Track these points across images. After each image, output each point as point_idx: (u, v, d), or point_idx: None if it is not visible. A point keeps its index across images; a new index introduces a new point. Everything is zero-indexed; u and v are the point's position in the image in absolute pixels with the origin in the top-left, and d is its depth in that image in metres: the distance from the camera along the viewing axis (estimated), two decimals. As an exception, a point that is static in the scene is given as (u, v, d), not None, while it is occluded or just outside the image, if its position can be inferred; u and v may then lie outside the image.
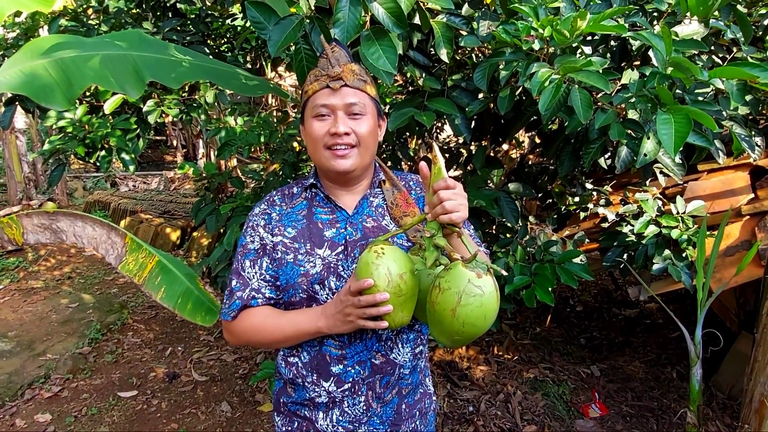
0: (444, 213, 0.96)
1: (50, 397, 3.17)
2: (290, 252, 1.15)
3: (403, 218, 1.18)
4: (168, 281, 1.36)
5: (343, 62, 1.12)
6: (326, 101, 1.10)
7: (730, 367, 2.98)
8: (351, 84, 1.10)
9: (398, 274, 0.96)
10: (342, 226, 1.17)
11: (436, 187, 0.98)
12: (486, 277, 0.92)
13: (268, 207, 1.21)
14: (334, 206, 1.19)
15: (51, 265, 5.48)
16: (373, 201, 1.22)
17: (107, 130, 2.37)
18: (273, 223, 1.19)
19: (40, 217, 1.32)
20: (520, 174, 2.33)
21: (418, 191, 1.27)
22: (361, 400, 1.16)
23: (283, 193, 1.24)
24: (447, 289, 0.91)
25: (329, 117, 1.10)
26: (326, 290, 1.14)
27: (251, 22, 1.30)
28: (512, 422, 2.81)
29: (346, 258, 1.14)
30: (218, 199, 2.77)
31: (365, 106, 1.12)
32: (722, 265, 2.26)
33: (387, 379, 1.18)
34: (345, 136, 1.09)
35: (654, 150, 1.35)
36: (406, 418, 1.23)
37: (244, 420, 2.95)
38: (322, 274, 1.13)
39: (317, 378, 1.16)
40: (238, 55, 3.15)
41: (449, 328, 0.92)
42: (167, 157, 11.70)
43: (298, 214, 1.19)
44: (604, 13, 1.23)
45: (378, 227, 1.18)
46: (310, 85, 1.13)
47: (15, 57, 1.33)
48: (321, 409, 1.18)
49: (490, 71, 1.49)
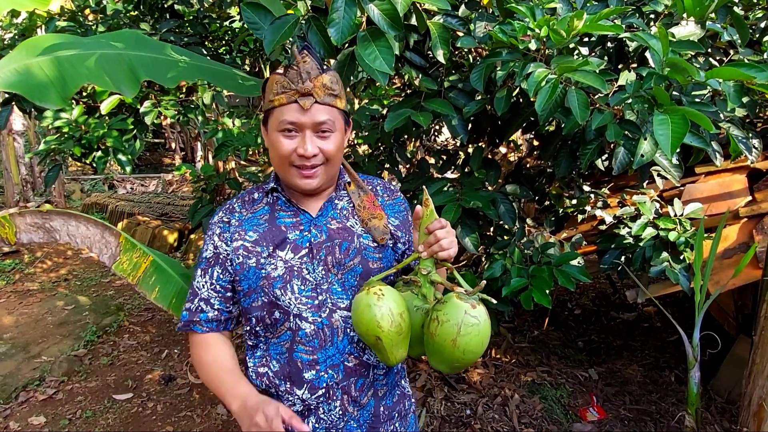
0: (441, 250, 1.04)
1: (45, 400, 3.15)
2: (252, 256, 1.12)
3: (371, 220, 1.18)
4: (162, 281, 1.35)
5: (314, 75, 1.06)
6: (294, 119, 1.05)
7: (728, 371, 2.97)
8: (321, 101, 1.06)
9: (398, 313, 1.02)
10: (306, 228, 1.14)
11: (431, 227, 1.05)
12: (480, 307, 1.00)
13: (225, 215, 1.18)
14: (297, 209, 1.16)
15: (47, 267, 5.46)
16: (338, 203, 1.20)
17: (104, 130, 2.36)
18: (231, 229, 1.15)
19: (33, 216, 1.31)
20: (518, 176, 2.33)
21: (385, 197, 1.25)
22: (337, 405, 1.14)
23: (243, 199, 1.21)
24: (446, 321, 0.98)
25: (296, 135, 1.07)
26: (288, 294, 1.11)
27: (247, 23, 1.30)
28: (510, 426, 2.79)
29: (311, 260, 1.12)
30: (215, 201, 2.76)
31: (334, 123, 1.09)
32: (720, 268, 2.26)
33: (362, 382, 1.16)
34: (313, 157, 1.07)
35: (651, 151, 1.35)
36: (384, 421, 1.21)
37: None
38: (285, 278, 1.11)
39: (290, 386, 1.13)
40: (236, 57, 3.15)
41: (450, 357, 0.99)
42: (165, 159, 11.68)
43: (260, 219, 1.16)
44: (600, 14, 1.23)
45: (343, 228, 1.16)
46: (276, 96, 1.06)
47: (10, 56, 1.33)
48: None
49: (486, 72, 1.49)
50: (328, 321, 1.12)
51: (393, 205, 1.25)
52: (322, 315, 1.12)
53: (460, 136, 1.67)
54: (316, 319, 1.11)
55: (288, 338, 1.13)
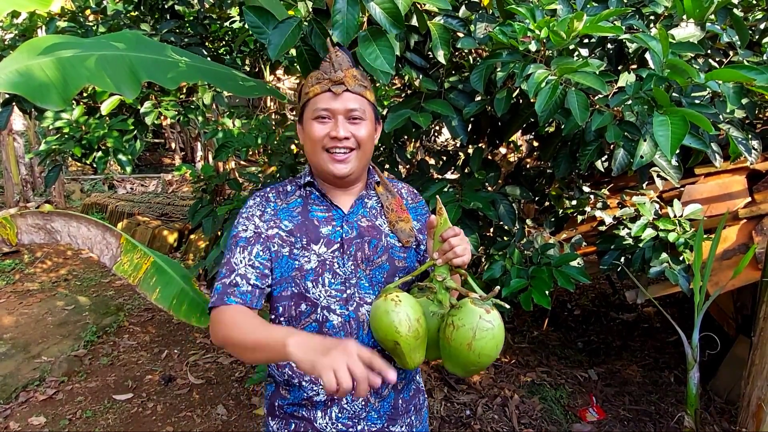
0: (456, 257, 1.07)
1: (45, 400, 3.15)
2: (286, 245, 1.16)
3: (398, 223, 1.23)
4: (163, 282, 1.35)
5: (345, 67, 1.14)
6: (327, 105, 1.12)
7: (727, 371, 2.97)
8: (352, 89, 1.13)
9: (416, 319, 1.05)
10: (338, 224, 1.19)
11: (446, 235, 1.08)
12: (494, 312, 1.03)
13: (262, 201, 1.22)
14: (329, 204, 1.21)
15: (47, 267, 5.46)
16: (368, 202, 1.25)
17: (104, 131, 2.36)
18: (266, 216, 1.19)
19: (35, 217, 1.31)
20: (518, 177, 2.33)
21: (409, 200, 1.31)
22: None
23: (276, 190, 1.25)
24: (461, 326, 1.01)
25: (329, 120, 1.13)
26: (319, 287, 1.15)
27: (250, 27, 1.30)
28: (509, 426, 2.79)
29: (342, 255, 1.17)
30: (215, 201, 2.76)
31: (365, 111, 1.15)
32: (719, 269, 2.26)
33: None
34: (344, 140, 1.13)
35: (650, 152, 1.35)
36: (402, 413, 1.25)
37: (240, 423, 2.93)
38: (317, 271, 1.15)
39: (314, 376, 1.15)
40: (236, 57, 3.16)
41: (465, 360, 1.02)
42: (165, 159, 11.68)
43: (293, 211, 1.20)
44: (600, 15, 1.24)
45: (372, 226, 1.22)
46: (311, 87, 1.15)
47: (11, 57, 1.33)
48: (319, 408, 1.19)
49: (487, 73, 1.49)
50: (354, 314, 1.16)
51: (416, 209, 1.32)
52: (349, 308, 1.16)
53: (460, 137, 1.68)
54: (344, 312, 1.16)
55: (313, 330, 1.16)
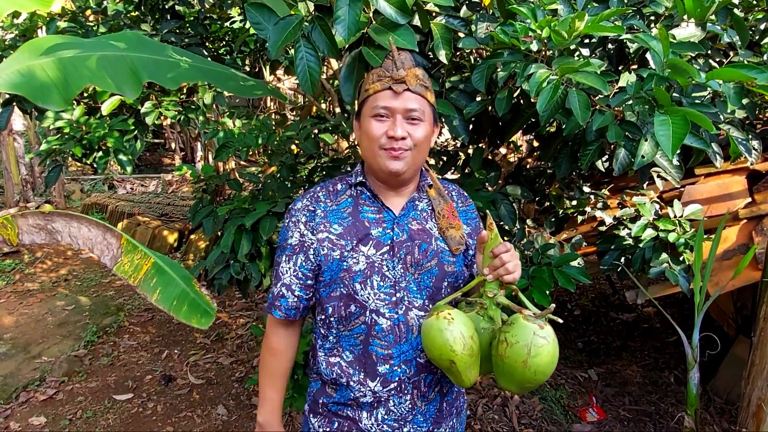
0: (507, 273, 1.07)
1: (45, 400, 3.15)
2: (336, 249, 1.16)
3: (449, 229, 1.22)
4: (163, 283, 1.35)
5: (407, 66, 1.14)
6: (387, 103, 1.12)
7: (728, 372, 2.98)
8: (413, 89, 1.12)
9: (469, 336, 1.04)
10: (389, 226, 1.19)
11: (497, 251, 1.08)
12: (547, 327, 1.01)
13: (311, 203, 1.21)
14: (381, 206, 1.20)
15: (47, 267, 5.46)
16: (419, 205, 1.24)
17: (104, 131, 2.36)
18: (317, 220, 1.19)
19: (36, 217, 1.31)
20: (518, 177, 2.33)
21: (459, 203, 1.31)
22: (407, 398, 1.18)
23: (327, 189, 1.24)
24: (515, 343, 0.99)
25: (388, 119, 1.13)
26: (368, 289, 1.15)
27: (251, 24, 1.30)
28: (509, 426, 2.80)
29: (392, 258, 1.16)
30: (216, 201, 2.76)
31: (424, 112, 1.14)
32: (719, 269, 2.26)
33: (431, 378, 1.21)
34: (401, 140, 1.12)
35: (651, 152, 1.35)
36: (446, 416, 1.27)
37: (240, 423, 2.93)
38: (366, 272, 1.15)
39: (363, 377, 1.17)
40: (236, 58, 3.15)
41: (521, 378, 1.01)
42: (165, 160, 11.67)
43: (343, 212, 1.20)
44: (601, 15, 1.24)
45: (422, 230, 1.21)
46: (371, 85, 1.15)
47: (12, 57, 1.33)
48: (365, 409, 1.19)
49: (488, 73, 1.49)
50: (404, 318, 1.16)
51: (466, 212, 1.30)
52: (398, 312, 1.16)
53: (461, 136, 1.67)
54: (393, 315, 1.16)
55: (362, 332, 1.17)
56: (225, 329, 4.07)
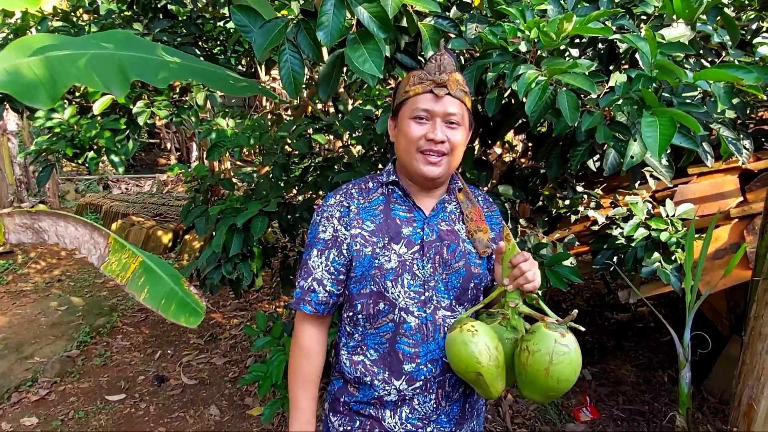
0: (526, 282, 1.07)
1: (37, 401, 3.13)
2: (368, 245, 1.17)
3: (477, 233, 1.23)
4: (151, 282, 1.34)
5: (449, 70, 1.15)
6: (428, 106, 1.13)
7: (721, 371, 2.98)
8: (454, 93, 1.14)
9: (494, 346, 1.05)
10: (419, 225, 1.20)
11: (515, 261, 1.08)
12: (569, 335, 1.02)
13: (345, 199, 1.22)
14: (412, 205, 1.22)
15: (40, 267, 5.43)
16: (448, 206, 1.26)
17: (96, 131, 2.35)
18: (351, 216, 1.19)
19: (22, 216, 1.31)
20: (511, 177, 2.33)
21: (485, 209, 1.32)
22: (432, 397, 1.18)
23: (359, 186, 1.25)
24: (537, 351, 0.99)
25: (427, 122, 1.14)
26: (398, 287, 1.15)
27: (237, 26, 1.30)
28: (503, 426, 2.80)
29: (422, 257, 1.17)
30: (209, 201, 2.75)
31: (462, 117, 1.16)
32: (711, 268, 2.27)
33: (455, 378, 1.21)
34: (440, 143, 1.13)
35: (640, 152, 1.35)
36: (468, 417, 1.27)
37: (233, 424, 2.92)
38: (397, 271, 1.15)
39: (388, 376, 1.17)
40: (231, 57, 3.15)
41: (544, 386, 1.01)
42: (160, 160, 11.64)
43: (375, 209, 1.21)
44: (590, 16, 1.23)
45: (451, 231, 1.22)
46: (412, 87, 1.15)
47: (0, 55, 1.32)
48: (388, 408, 1.19)
49: (477, 73, 1.49)
50: (432, 317, 1.17)
51: (491, 217, 1.32)
52: (427, 311, 1.17)
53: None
54: (421, 314, 1.16)
55: (389, 330, 1.17)
56: (218, 329, 4.06)
